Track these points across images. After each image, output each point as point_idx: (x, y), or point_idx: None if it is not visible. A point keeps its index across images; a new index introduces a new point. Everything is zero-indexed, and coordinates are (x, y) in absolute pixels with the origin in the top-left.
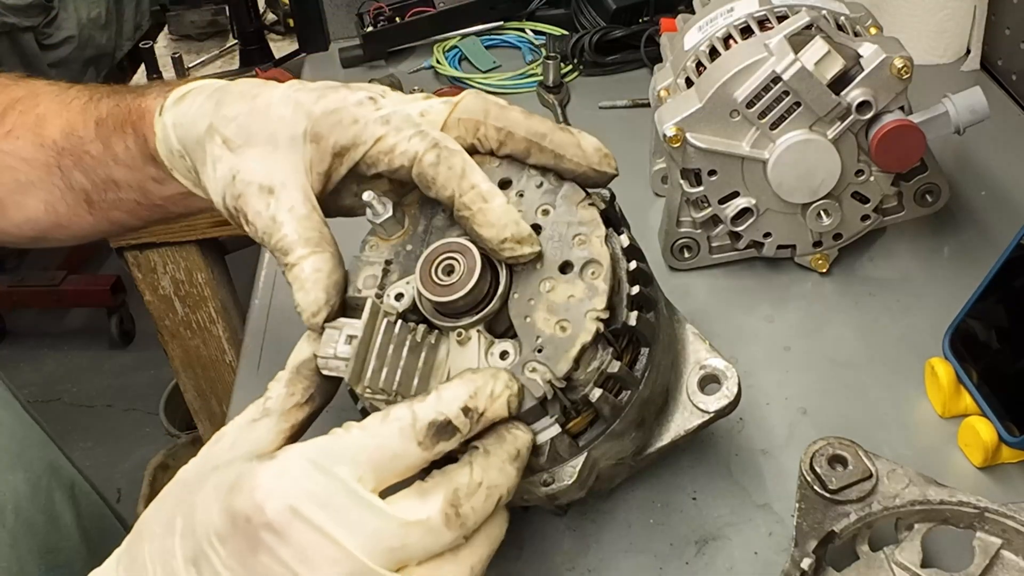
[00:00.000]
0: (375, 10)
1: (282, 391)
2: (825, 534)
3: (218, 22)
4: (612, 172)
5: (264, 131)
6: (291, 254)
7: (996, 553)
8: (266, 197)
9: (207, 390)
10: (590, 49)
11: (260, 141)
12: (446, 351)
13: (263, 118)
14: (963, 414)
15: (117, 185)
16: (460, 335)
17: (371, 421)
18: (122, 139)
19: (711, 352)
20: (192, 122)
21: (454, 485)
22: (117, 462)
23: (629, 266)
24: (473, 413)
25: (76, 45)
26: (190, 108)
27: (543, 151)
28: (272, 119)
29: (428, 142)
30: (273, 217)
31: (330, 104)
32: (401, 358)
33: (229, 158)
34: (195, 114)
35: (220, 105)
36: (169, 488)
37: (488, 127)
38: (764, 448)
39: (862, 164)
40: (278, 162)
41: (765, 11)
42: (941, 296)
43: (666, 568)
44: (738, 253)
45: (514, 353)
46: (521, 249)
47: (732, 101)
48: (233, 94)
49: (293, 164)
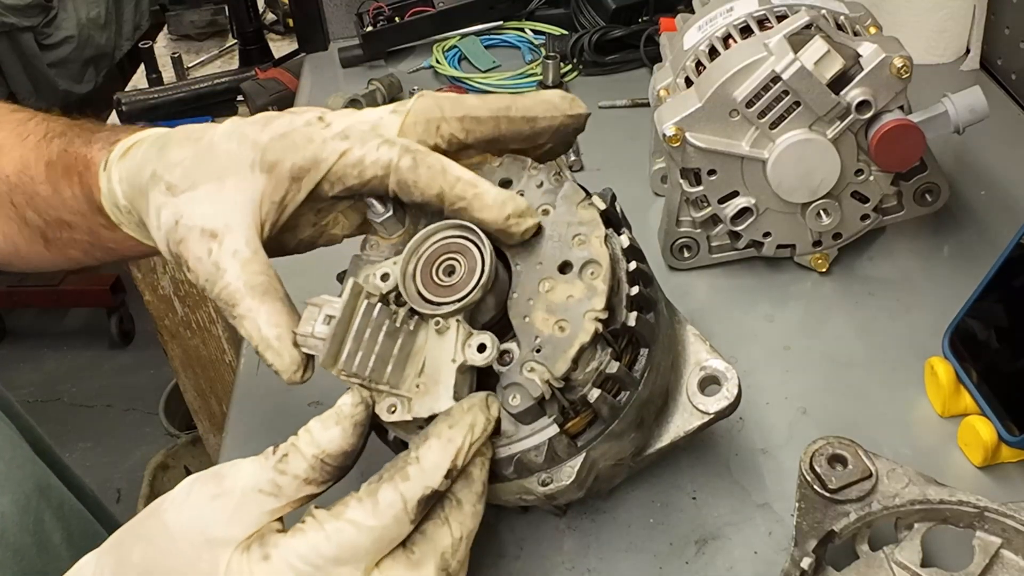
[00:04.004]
0: (374, 10)
1: (300, 474)
2: (825, 533)
3: (217, 22)
4: (585, 111)
5: (210, 170)
6: (239, 305)
7: (996, 552)
8: (208, 242)
9: (207, 390)
10: (590, 49)
11: (205, 182)
12: (424, 338)
13: (209, 157)
14: (963, 413)
15: (70, 226)
16: (438, 324)
17: (360, 515)
18: (69, 186)
19: (711, 353)
20: (136, 173)
21: (440, 550)
22: (117, 462)
23: (629, 266)
24: (453, 471)
25: (76, 45)
26: (134, 160)
27: (513, 121)
28: (218, 156)
29: (399, 148)
30: (216, 263)
31: (278, 129)
32: (377, 343)
33: (172, 203)
34: (139, 165)
35: (164, 151)
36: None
37: (450, 121)
38: (764, 448)
39: (862, 163)
40: (224, 201)
41: (764, 11)
42: (941, 296)
43: (666, 568)
44: (738, 253)
45: (492, 347)
46: (527, 222)
47: (732, 101)
48: (176, 139)
49: (241, 201)
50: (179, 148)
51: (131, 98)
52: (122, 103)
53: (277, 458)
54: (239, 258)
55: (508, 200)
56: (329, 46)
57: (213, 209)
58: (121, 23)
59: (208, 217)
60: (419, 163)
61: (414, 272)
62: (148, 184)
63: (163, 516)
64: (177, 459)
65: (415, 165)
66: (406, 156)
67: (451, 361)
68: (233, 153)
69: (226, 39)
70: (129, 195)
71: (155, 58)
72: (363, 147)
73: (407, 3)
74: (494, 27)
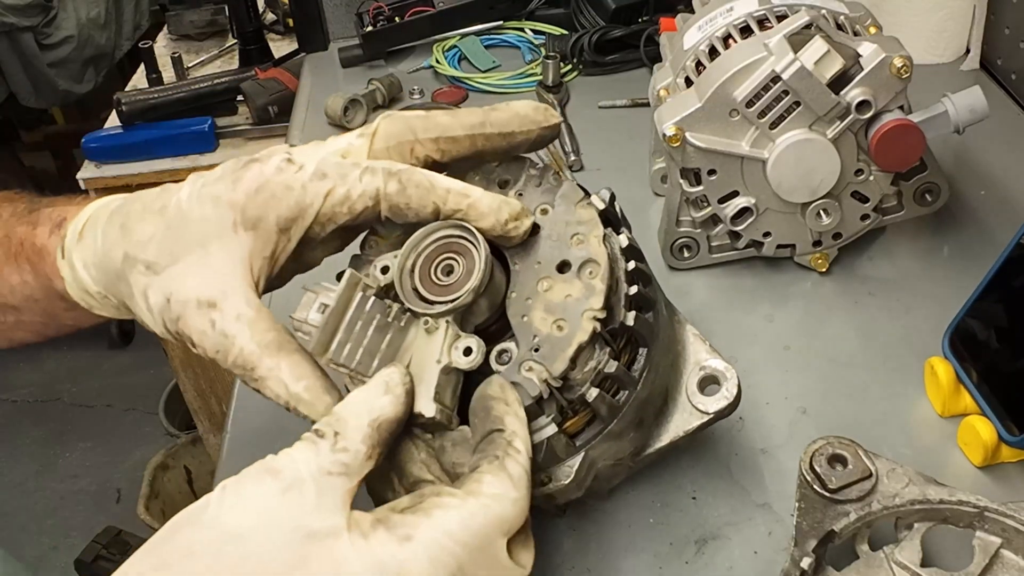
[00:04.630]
0: (374, 10)
1: (363, 449)
2: (825, 533)
3: (217, 22)
4: (558, 119)
5: (188, 240)
6: (258, 368)
7: (996, 552)
8: (207, 312)
9: (207, 390)
10: (590, 49)
11: (187, 252)
12: (414, 335)
13: (182, 227)
14: (963, 413)
15: (17, 310)
16: (427, 323)
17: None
18: (17, 272)
19: (711, 353)
20: (105, 257)
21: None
22: (117, 462)
23: (628, 266)
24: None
25: (75, 45)
26: (96, 243)
27: (490, 138)
28: (193, 224)
29: (382, 174)
30: (223, 332)
31: (251, 184)
32: (367, 336)
33: (157, 282)
34: (105, 248)
35: (127, 229)
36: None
37: (424, 143)
38: (764, 448)
39: (861, 163)
40: (212, 268)
41: (764, 10)
42: (941, 296)
43: (666, 568)
44: (738, 252)
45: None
46: (524, 224)
47: (731, 100)
48: (136, 213)
49: (231, 264)
50: (144, 223)
51: (131, 98)
52: (122, 103)
53: (329, 440)
54: (245, 321)
55: (503, 205)
56: (329, 46)
57: (204, 279)
58: (121, 23)
59: (201, 288)
60: (406, 184)
61: (412, 268)
62: (124, 268)
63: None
64: (177, 459)
65: (403, 187)
66: (391, 180)
67: (436, 362)
68: (210, 218)
69: (226, 39)
70: (103, 281)
71: (155, 58)
72: (345, 182)
73: (407, 3)
74: (494, 27)
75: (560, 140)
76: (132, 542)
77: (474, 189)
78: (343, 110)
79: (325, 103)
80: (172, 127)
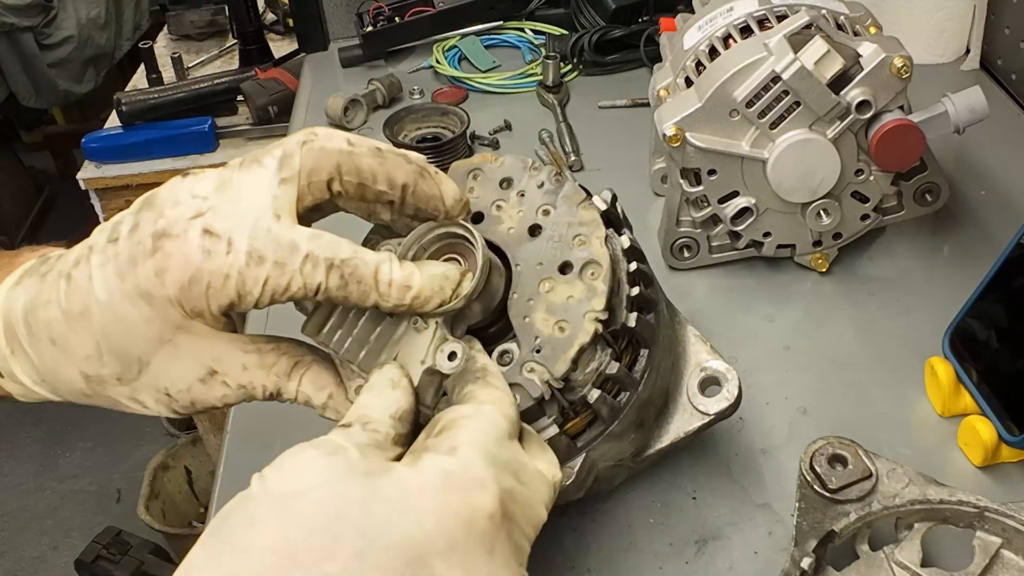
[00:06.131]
0: (374, 10)
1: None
2: (825, 533)
3: (217, 22)
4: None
5: (145, 343)
6: (284, 392)
7: (996, 552)
8: (215, 380)
9: None
10: (590, 49)
11: (152, 352)
12: (403, 330)
13: (128, 334)
14: (963, 413)
15: None
16: (416, 322)
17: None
18: None
19: (712, 354)
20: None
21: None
22: (117, 462)
23: (629, 267)
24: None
25: (75, 45)
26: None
27: (404, 205)
28: (139, 327)
29: (323, 268)
30: (239, 385)
31: (180, 276)
32: (358, 325)
33: (143, 386)
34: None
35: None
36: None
37: (344, 183)
38: (764, 448)
39: (862, 163)
40: (190, 352)
41: (764, 11)
42: (941, 295)
43: (666, 568)
44: (738, 253)
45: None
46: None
47: (732, 100)
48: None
49: (204, 342)
50: (76, 335)
51: (131, 98)
52: (122, 103)
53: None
54: (252, 365)
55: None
56: (329, 46)
57: (188, 364)
58: (121, 23)
59: (193, 370)
60: (348, 280)
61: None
62: (92, 387)
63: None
64: (177, 459)
65: (344, 283)
66: (333, 275)
67: (420, 362)
68: (153, 319)
69: (226, 39)
70: (69, 394)
71: (155, 58)
72: (284, 272)
73: (407, 3)
74: (494, 27)
75: (560, 140)
76: (132, 542)
77: (414, 277)
78: (343, 110)
79: (325, 103)
80: (172, 127)
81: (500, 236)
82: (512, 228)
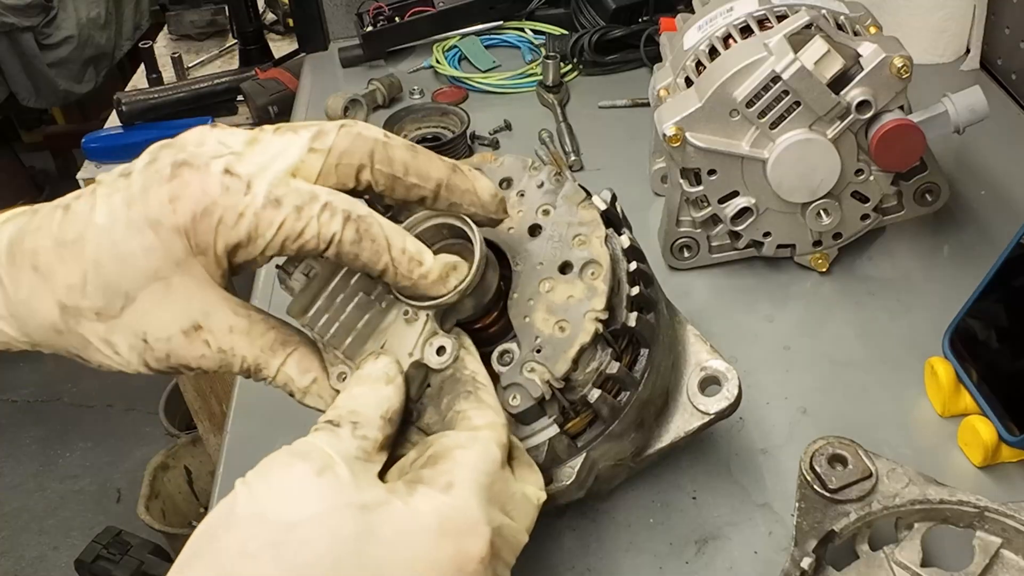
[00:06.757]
0: (375, 10)
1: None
2: (825, 533)
3: (217, 22)
4: (504, 216)
5: (137, 276)
6: (265, 368)
7: (996, 552)
8: (198, 336)
9: (207, 390)
10: (590, 49)
11: (141, 288)
12: (393, 319)
13: (123, 263)
14: (963, 413)
15: None
16: (407, 313)
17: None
18: None
19: (712, 354)
20: (26, 308)
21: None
22: (117, 462)
23: (629, 267)
24: None
25: (76, 45)
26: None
27: (437, 199)
28: (134, 257)
29: (340, 218)
30: (220, 348)
31: (195, 205)
32: (345, 311)
33: (121, 326)
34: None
35: (47, 275)
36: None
37: (374, 173)
38: (764, 448)
39: (862, 163)
40: (181, 296)
41: (764, 10)
42: (941, 295)
43: (666, 567)
44: (738, 252)
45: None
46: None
47: (732, 100)
48: (47, 250)
49: (199, 287)
50: (65, 264)
51: (131, 98)
52: (122, 103)
53: (348, 428)
54: (239, 331)
55: (450, 271)
56: (329, 46)
57: (178, 309)
58: (121, 23)
59: (180, 318)
60: (363, 236)
61: None
62: (65, 320)
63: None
64: (177, 459)
65: (358, 239)
66: (350, 227)
67: (408, 354)
68: (155, 248)
69: (226, 39)
70: (34, 333)
71: (155, 58)
72: (301, 218)
73: (407, 3)
74: (494, 27)
75: (560, 140)
76: (132, 542)
77: (426, 254)
78: (343, 110)
79: (325, 103)
80: (172, 127)
81: (500, 236)
82: (512, 228)
